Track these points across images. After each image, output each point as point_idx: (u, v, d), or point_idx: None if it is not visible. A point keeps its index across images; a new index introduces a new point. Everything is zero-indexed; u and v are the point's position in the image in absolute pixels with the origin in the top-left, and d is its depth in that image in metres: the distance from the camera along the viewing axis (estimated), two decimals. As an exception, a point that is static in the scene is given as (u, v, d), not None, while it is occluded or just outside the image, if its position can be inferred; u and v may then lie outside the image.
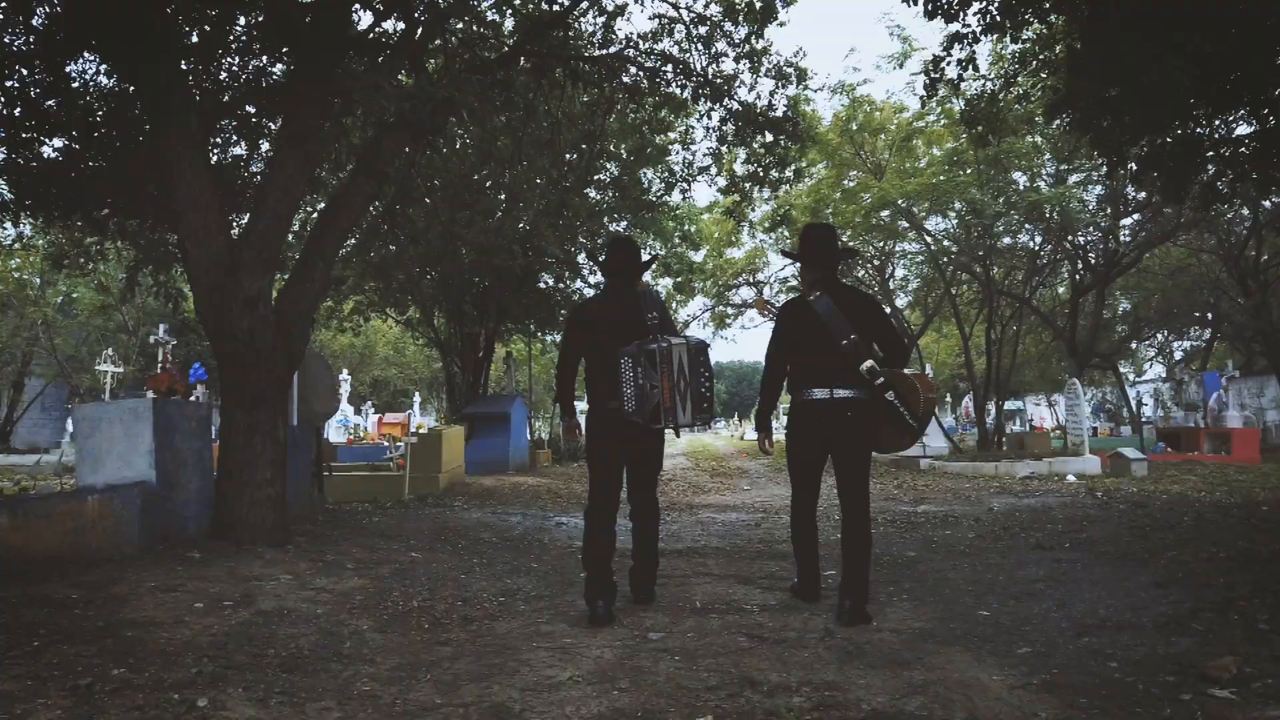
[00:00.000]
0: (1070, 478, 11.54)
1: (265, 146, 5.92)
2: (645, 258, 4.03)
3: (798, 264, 4.14)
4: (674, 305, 26.11)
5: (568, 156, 11.36)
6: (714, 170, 10.21)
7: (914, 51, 12.96)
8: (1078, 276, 19.63)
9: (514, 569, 4.90)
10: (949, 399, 34.38)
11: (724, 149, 9.81)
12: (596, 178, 12.79)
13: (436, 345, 14.37)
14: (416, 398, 30.19)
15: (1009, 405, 38.48)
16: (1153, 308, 25.75)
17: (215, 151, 5.66)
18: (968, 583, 4.50)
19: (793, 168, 9.57)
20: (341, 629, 3.39)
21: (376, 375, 36.51)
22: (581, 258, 15.35)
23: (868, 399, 3.54)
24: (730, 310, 26.63)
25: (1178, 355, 32.65)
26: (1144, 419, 23.58)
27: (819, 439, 3.67)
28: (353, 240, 11.39)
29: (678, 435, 3.92)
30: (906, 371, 3.64)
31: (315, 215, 9.43)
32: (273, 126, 5.78)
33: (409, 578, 4.43)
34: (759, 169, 9.51)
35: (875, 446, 3.70)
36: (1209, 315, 26.14)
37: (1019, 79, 7.42)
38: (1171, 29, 4.88)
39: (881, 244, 22.16)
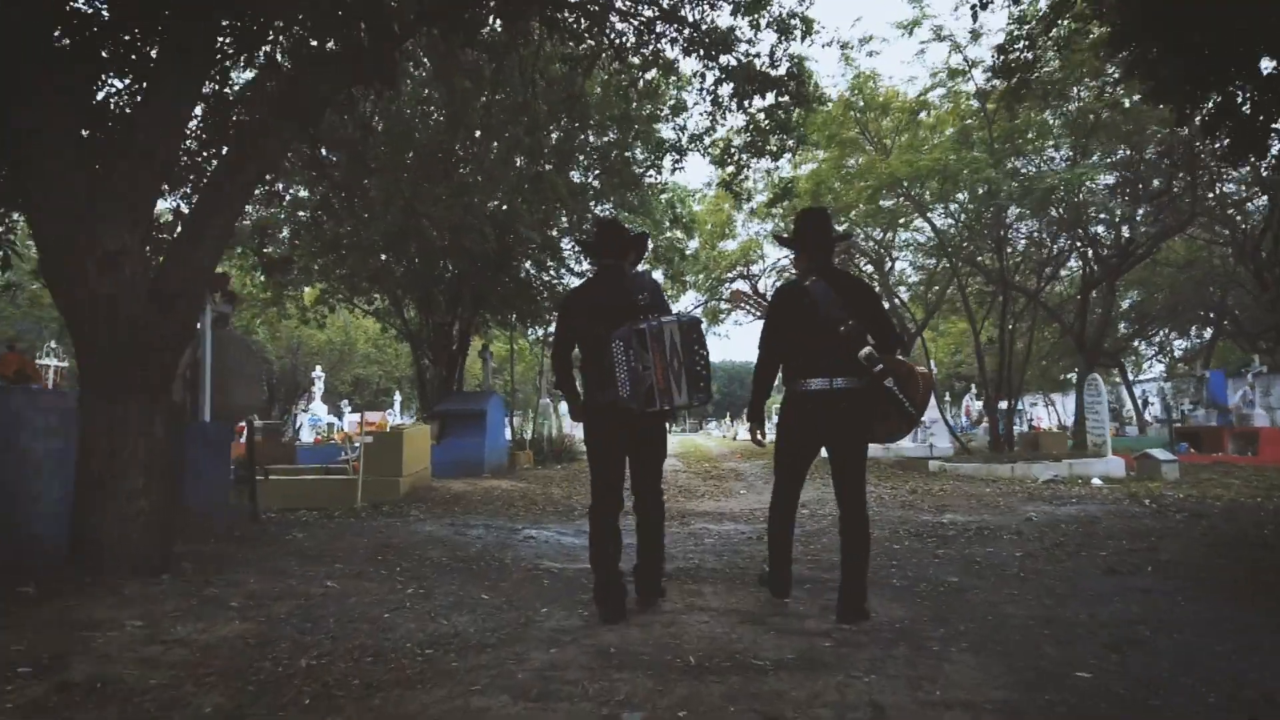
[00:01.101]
0: (1095, 481, 10.60)
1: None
2: (633, 235, 3.80)
3: (790, 250, 4.05)
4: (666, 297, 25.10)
5: (551, 135, 10.36)
6: (707, 140, 9.17)
7: (925, 18, 11.99)
8: (1088, 269, 18.74)
9: (457, 602, 3.85)
10: (948, 397, 33.44)
11: (719, 115, 8.80)
12: (579, 155, 11.75)
13: (406, 337, 13.24)
14: (397, 396, 29.03)
15: (1005, 404, 37.64)
16: (1159, 303, 24.92)
17: (93, 85, 4.55)
18: (1039, 622, 3.48)
19: (796, 135, 8.55)
20: (172, 713, 2.33)
21: (358, 373, 35.36)
22: (566, 243, 14.30)
23: (865, 388, 3.37)
24: (724, 306, 25.63)
25: (1178, 353, 31.84)
26: (1156, 418, 22.65)
27: (813, 432, 3.54)
28: (304, 219, 10.32)
29: (674, 418, 3.97)
30: (901, 359, 3.51)
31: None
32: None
33: (311, 619, 3.37)
34: (757, 138, 8.49)
35: (872, 438, 3.57)
36: (1210, 313, 25.33)
37: (1061, 22, 6.43)
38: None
39: (882, 235, 21.24)
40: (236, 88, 5.81)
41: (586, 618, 3.54)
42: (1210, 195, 16.52)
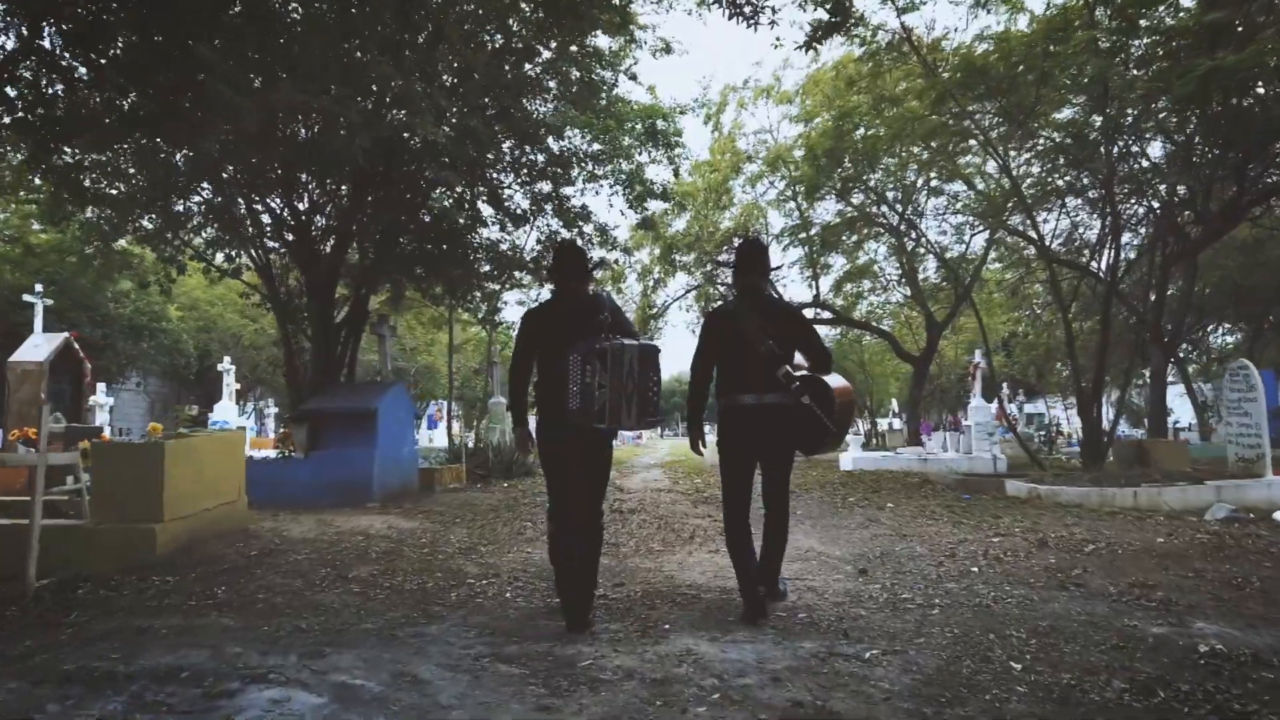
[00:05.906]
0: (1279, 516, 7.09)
1: None
2: (592, 261, 4.10)
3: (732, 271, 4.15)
4: (651, 279, 21.34)
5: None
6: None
7: None
8: (1165, 243, 15.24)
9: None
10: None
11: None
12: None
13: (273, 303, 9.42)
14: (341, 395, 25.15)
15: (1030, 409, 34.06)
16: (1219, 290, 21.41)
17: None
18: None
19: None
20: None
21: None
22: (514, 187, 10.61)
23: (790, 403, 3.62)
24: (719, 290, 21.91)
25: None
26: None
27: (749, 443, 3.74)
28: None
29: (613, 437, 3.78)
30: (827, 379, 3.69)
31: None
32: None
33: None
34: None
35: (799, 448, 3.81)
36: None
37: None
38: None
39: (904, 208, 17.58)
40: None
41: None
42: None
